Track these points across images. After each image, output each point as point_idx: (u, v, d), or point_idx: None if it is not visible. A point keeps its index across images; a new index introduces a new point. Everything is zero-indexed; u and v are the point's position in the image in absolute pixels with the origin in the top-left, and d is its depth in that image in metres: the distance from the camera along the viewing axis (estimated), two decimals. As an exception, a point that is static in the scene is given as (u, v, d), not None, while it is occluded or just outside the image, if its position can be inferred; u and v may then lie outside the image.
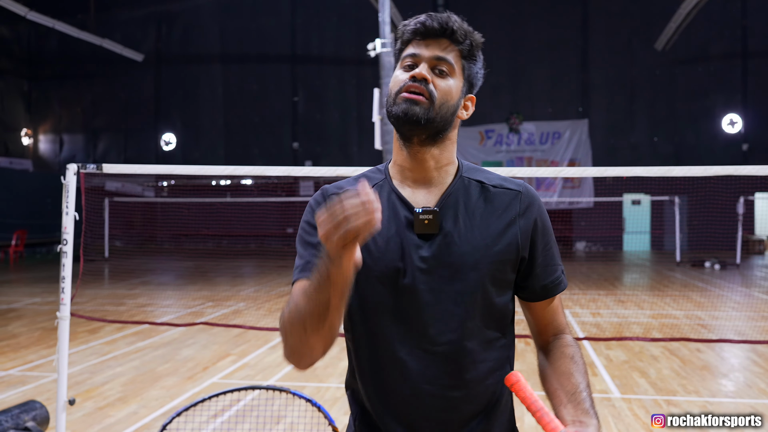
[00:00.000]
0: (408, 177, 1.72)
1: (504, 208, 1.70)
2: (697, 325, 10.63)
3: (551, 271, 1.74)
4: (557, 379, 1.66)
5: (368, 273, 1.63)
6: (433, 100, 1.64)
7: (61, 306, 5.19)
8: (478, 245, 1.64)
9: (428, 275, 1.62)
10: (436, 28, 1.67)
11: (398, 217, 1.67)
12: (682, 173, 5.74)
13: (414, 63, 1.68)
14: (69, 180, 5.06)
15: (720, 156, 26.78)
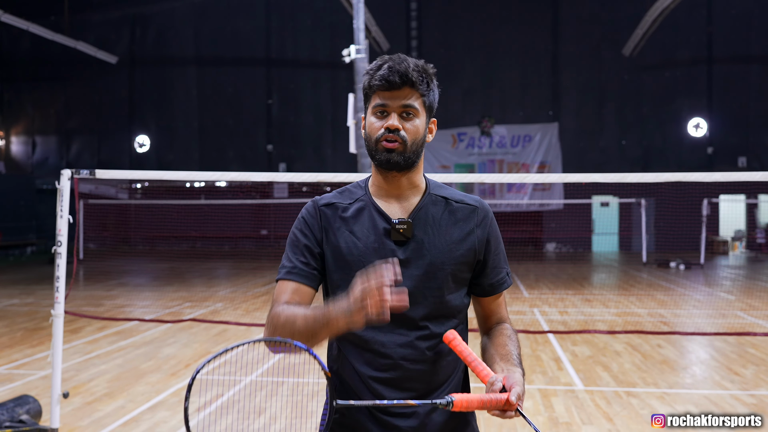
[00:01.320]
0: (385, 194, 2.10)
1: (464, 220, 2.09)
2: (660, 322, 11.08)
3: (498, 272, 2.14)
4: (494, 348, 2.05)
5: (351, 272, 1.97)
6: (406, 143, 2.01)
7: (56, 304, 5.46)
8: (443, 249, 2.03)
9: (404, 273, 1.97)
10: (398, 83, 1.99)
11: (377, 227, 2.04)
12: (647, 179, 6.13)
13: (384, 111, 2.03)
14: (63, 185, 5.33)
15: (686, 159, 27.47)
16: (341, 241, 2.05)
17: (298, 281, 2.04)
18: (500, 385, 1.79)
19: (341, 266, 2.04)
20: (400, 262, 1.98)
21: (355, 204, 2.10)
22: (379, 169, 2.07)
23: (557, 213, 28.25)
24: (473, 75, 28.60)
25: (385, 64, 2.03)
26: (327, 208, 2.11)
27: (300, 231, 2.10)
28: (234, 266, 22.10)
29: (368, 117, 2.06)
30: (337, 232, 2.06)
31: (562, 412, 6.17)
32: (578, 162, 27.60)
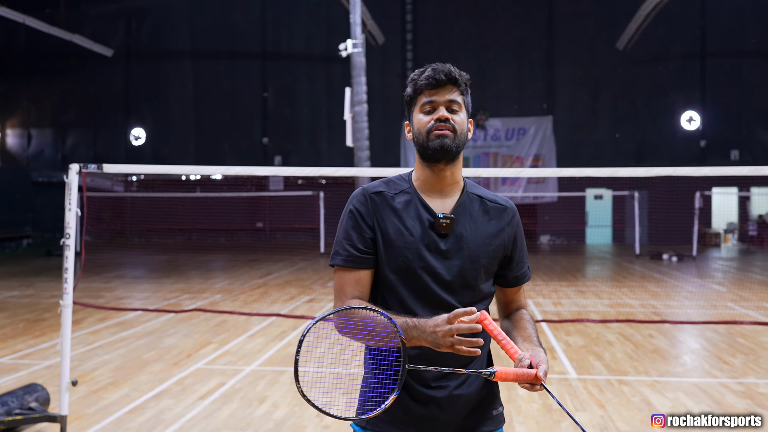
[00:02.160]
0: (429, 188, 2.32)
1: (497, 218, 2.35)
2: (651, 313, 11.28)
3: (521, 267, 2.42)
4: (517, 330, 2.34)
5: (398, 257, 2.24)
6: (456, 131, 2.25)
7: (65, 295, 5.61)
8: (479, 244, 2.28)
9: (445, 263, 2.24)
10: (444, 80, 2.25)
11: (422, 219, 2.27)
12: (638, 174, 6.29)
13: (432, 108, 2.26)
14: (72, 179, 5.47)
15: (679, 152, 27.67)
16: (390, 228, 2.26)
17: (357, 268, 2.26)
18: (528, 362, 2.06)
19: (389, 251, 2.25)
20: (441, 253, 2.24)
21: (402, 195, 2.31)
22: (427, 163, 2.29)
23: (551, 205, 28.44)
24: (468, 68, 27.53)
25: (429, 67, 2.28)
26: (376, 196, 2.31)
27: (353, 217, 2.29)
28: (230, 258, 22.24)
29: (416, 116, 2.29)
30: (386, 220, 2.27)
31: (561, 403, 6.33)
32: (572, 155, 27.78)
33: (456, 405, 2.25)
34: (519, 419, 5.79)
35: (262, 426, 5.66)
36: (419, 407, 2.24)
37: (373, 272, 2.28)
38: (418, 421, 2.24)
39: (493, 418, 2.35)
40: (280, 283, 15.45)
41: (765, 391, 6.63)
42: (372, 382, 2.21)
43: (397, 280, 2.25)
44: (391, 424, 2.26)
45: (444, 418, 2.25)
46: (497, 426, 2.36)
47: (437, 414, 2.24)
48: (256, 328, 9.82)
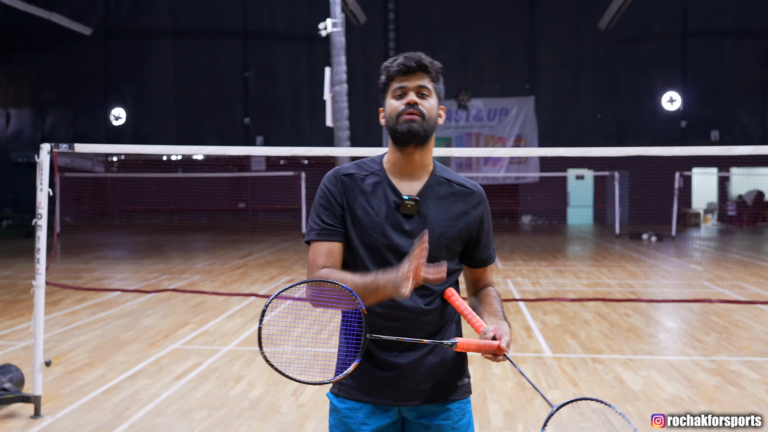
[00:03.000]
0: (398, 171, 2.41)
1: (463, 201, 2.43)
2: (628, 292, 11.39)
3: (487, 249, 2.52)
4: (483, 306, 2.46)
5: (366, 236, 2.35)
6: (425, 116, 2.34)
7: (37, 275, 5.59)
8: (442, 225, 2.37)
9: (409, 242, 2.32)
10: (415, 67, 2.34)
11: (389, 201, 2.36)
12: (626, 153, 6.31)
13: (402, 93, 2.35)
14: (42, 158, 5.43)
15: (660, 132, 27.82)
16: (358, 209, 2.36)
17: (329, 240, 2.37)
18: (491, 334, 2.18)
19: (358, 230, 2.35)
20: (406, 233, 2.34)
21: (372, 177, 2.41)
22: (397, 146, 2.38)
23: (533, 186, 28.55)
24: (450, 48, 28.64)
25: (401, 56, 2.37)
26: (347, 177, 2.41)
27: (324, 196, 2.40)
28: (212, 239, 22.19)
29: (388, 101, 2.38)
30: (355, 201, 2.38)
31: (529, 377, 6.39)
32: (554, 135, 27.86)
33: (419, 373, 2.35)
34: (492, 397, 5.85)
35: (237, 405, 5.68)
36: (384, 374, 2.35)
37: (343, 245, 2.38)
38: (383, 387, 2.36)
39: (458, 387, 2.45)
40: (260, 263, 15.44)
41: (736, 369, 6.72)
42: (342, 350, 2.39)
43: (366, 256, 2.35)
44: (359, 391, 2.39)
45: (407, 386, 2.35)
46: (462, 396, 2.45)
47: (401, 381, 2.35)
48: (234, 309, 9.82)
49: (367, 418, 2.39)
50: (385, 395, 2.37)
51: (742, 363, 6.95)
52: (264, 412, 5.51)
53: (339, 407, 2.43)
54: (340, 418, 2.42)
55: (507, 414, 5.43)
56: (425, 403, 2.38)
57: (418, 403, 2.38)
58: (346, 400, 2.42)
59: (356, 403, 2.40)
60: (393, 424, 2.44)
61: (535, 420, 5.30)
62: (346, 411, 2.41)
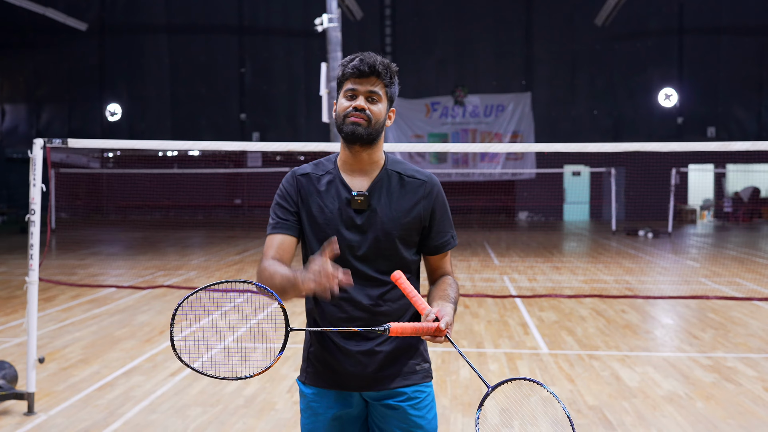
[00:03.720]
0: (349, 168, 2.50)
1: (413, 192, 2.49)
2: (625, 288, 11.37)
3: (442, 236, 2.56)
4: (436, 291, 2.51)
5: (321, 232, 2.45)
6: (370, 121, 2.41)
7: (30, 271, 5.53)
8: (393, 217, 2.45)
9: (360, 237, 2.43)
10: (368, 72, 2.39)
11: (341, 197, 2.46)
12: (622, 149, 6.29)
13: (353, 95, 2.42)
14: (36, 154, 5.39)
15: (656, 129, 27.82)
16: (313, 207, 2.47)
17: (281, 233, 2.48)
18: (434, 316, 2.21)
19: (313, 227, 2.46)
20: (357, 227, 2.44)
21: (326, 176, 2.51)
22: (345, 144, 2.47)
23: (529, 182, 28.54)
24: (447, 44, 28.62)
25: (357, 57, 2.43)
26: (303, 177, 2.52)
27: (281, 195, 2.53)
28: (208, 235, 22.14)
29: (339, 99, 2.46)
30: (310, 199, 2.48)
31: (526, 374, 6.38)
32: (550, 131, 27.84)
33: (377, 359, 2.45)
34: (489, 394, 5.81)
35: (232, 402, 5.65)
36: (345, 361, 2.46)
37: (295, 240, 2.49)
38: (344, 375, 2.47)
39: (416, 372, 2.53)
40: (256, 259, 15.40)
41: (732, 365, 6.71)
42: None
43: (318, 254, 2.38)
44: (322, 378, 2.52)
45: (367, 373, 2.45)
46: (422, 380, 2.53)
47: (361, 368, 2.45)
48: (229, 305, 9.79)
49: (333, 403, 2.51)
50: (346, 382, 2.48)
51: (739, 359, 6.94)
52: (259, 409, 5.49)
53: (306, 392, 2.56)
54: (308, 402, 2.55)
55: (503, 410, 5.41)
56: (385, 388, 2.48)
57: (379, 389, 2.48)
58: (312, 387, 2.54)
59: (321, 389, 2.52)
60: (357, 409, 2.54)
61: (531, 416, 5.28)
62: (312, 396, 2.54)
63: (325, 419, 2.53)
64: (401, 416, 2.49)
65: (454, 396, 5.74)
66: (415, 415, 2.50)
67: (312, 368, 2.55)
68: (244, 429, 5.08)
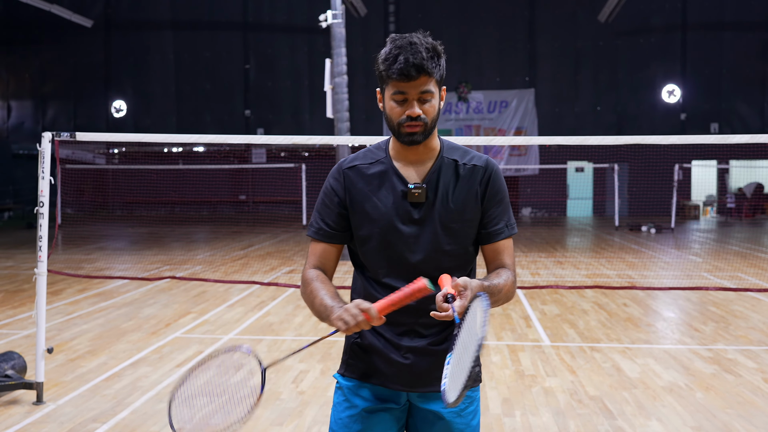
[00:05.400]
0: (403, 158, 2.34)
1: (470, 180, 2.33)
2: (627, 282, 11.44)
3: (495, 223, 2.37)
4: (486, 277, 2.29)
5: (375, 227, 2.31)
6: (426, 124, 2.24)
7: (39, 263, 5.63)
8: (452, 209, 2.30)
9: (419, 231, 2.29)
10: (415, 75, 2.18)
11: (396, 190, 2.31)
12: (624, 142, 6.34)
13: (404, 98, 2.22)
14: (44, 147, 5.48)
15: (659, 125, 27.83)
16: (364, 200, 2.32)
17: (324, 241, 2.38)
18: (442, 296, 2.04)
19: (366, 223, 2.32)
20: (415, 221, 2.29)
21: (377, 165, 2.36)
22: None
23: (533, 178, 28.59)
24: (450, 41, 28.61)
25: (400, 56, 2.18)
26: (350, 170, 2.37)
27: (326, 194, 2.39)
28: (212, 231, 22.24)
29: (387, 100, 2.26)
30: (360, 193, 2.33)
31: (528, 366, 6.46)
32: (554, 127, 27.89)
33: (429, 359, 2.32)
34: (491, 384, 5.90)
35: (237, 392, 5.72)
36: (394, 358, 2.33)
37: (340, 248, 2.40)
38: (391, 371, 2.35)
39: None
40: (261, 254, 15.50)
41: (733, 357, 6.78)
42: None
43: (373, 252, 2.33)
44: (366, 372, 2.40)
45: (416, 372, 2.33)
46: (473, 383, 2.35)
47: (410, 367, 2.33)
48: (235, 298, 9.88)
49: (373, 396, 2.39)
50: (393, 379, 2.36)
51: (739, 352, 7.00)
52: (264, 399, 5.56)
53: (344, 385, 2.43)
54: (345, 394, 2.43)
55: (505, 401, 5.49)
56: (432, 390, 2.34)
57: (426, 390, 2.35)
58: (353, 379, 2.42)
59: (362, 383, 2.40)
60: (399, 407, 2.41)
61: (533, 407, 5.36)
62: (352, 388, 2.42)
63: (363, 413, 2.40)
64: (445, 423, 2.38)
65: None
66: (460, 422, 2.39)
67: (355, 360, 2.42)
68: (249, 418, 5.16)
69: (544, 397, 5.56)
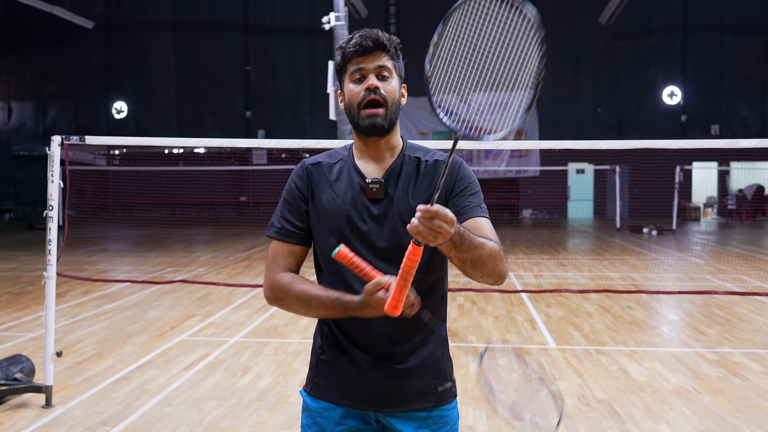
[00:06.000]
0: (365, 155, 2.26)
1: (432, 175, 2.23)
2: (631, 285, 11.45)
3: (464, 203, 2.22)
4: None
5: (332, 225, 2.20)
6: (387, 102, 2.17)
7: (48, 266, 5.64)
8: (411, 206, 2.16)
9: (378, 228, 2.18)
10: (371, 46, 2.16)
11: (354, 185, 2.22)
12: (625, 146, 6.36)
13: (362, 75, 2.18)
14: (54, 150, 5.48)
15: (660, 127, 27.87)
16: (323, 197, 2.23)
17: (289, 242, 2.26)
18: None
19: (324, 220, 2.21)
20: (374, 218, 2.18)
21: (338, 164, 2.28)
22: (361, 135, 2.23)
23: (533, 180, 28.61)
24: (451, 42, 28.58)
25: (356, 34, 2.19)
26: (313, 167, 2.29)
27: (289, 191, 2.30)
28: (214, 232, 22.24)
29: (347, 86, 2.21)
30: (321, 189, 2.24)
31: (535, 369, 6.45)
32: (554, 129, 27.90)
33: (397, 377, 2.22)
34: (498, 388, 5.90)
35: (246, 396, 5.74)
36: (361, 377, 2.22)
37: (304, 251, 2.29)
38: (359, 391, 2.24)
39: (438, 393, 2.29)
40: (264, 256, 15.50)
41: (739, 360, 6.79)
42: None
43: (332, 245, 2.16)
44: (334, 392, 2.27)
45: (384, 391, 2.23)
46: (444, 402, 2.31)
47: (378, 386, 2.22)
48: (239, 301, 9.89)
49: (343, 419, 2.27)
50: (362, 399, 2.24)
51: (745, 355, 7.01)
52: (273, 402, 5.57)
53: (312, 406, 2.31)
54: (314, 417, 2.31)
55: (513, 404, 5.49)
56: (403, 410, 2.25)
57: (396, 410, 2.24)
58: (320, 401, 2.30)
59: (329, 404, 2.28)
60: (372, 428, 2.30)
61: (542, 410, 5.36)
62: (320, 410, 2.30)
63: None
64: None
65: (464, 390, 5.82)
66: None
67: (322, 379, 2.30)
68: (259, 422, 5.17)
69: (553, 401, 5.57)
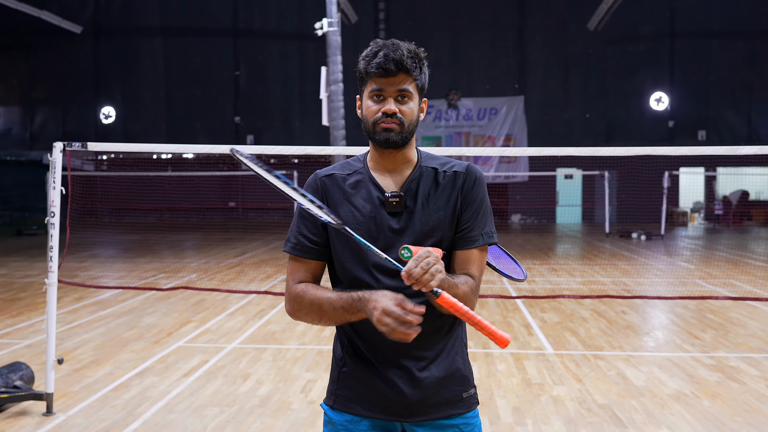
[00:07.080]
0: (381, 168, 2.27)
1: (450, 187, 2.24)
2: (623, 290, 11.52)
3: (469, 230, 2.23)
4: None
5: (350, 239, 2.12)
6: (403, 124, 2.18)
7: (50, 273, 5.63)
8: (431, 217, 2.20)
9: (397, 240, 2.19)
10: (394, 70, 2.14)
11: (373, 198, 2.22)
12: (611, 153, 6.42)
13: (380, 95, 2.19)
14: (55, 157, 5.47)
15: (648, 132, 28.07)
16: (341, 210, 2.21)
17: (305, 258, 2.26)
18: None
19: (342, 234, 2.16)
20: (394, 231, 2.19)
21: (354, 176, 2.27)
22: (377, 147, 2.24)
23: (522, 185, 28.72)
24: (440, 48, 28.75)
25: (380, 52, 2.15)
26: (327, 179, 2.27)
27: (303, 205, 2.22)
28: (203, 238, 22.18)
29: (365, 100, 2.22)
30: (338, 202, 2.23)
31: (534, 374, 6.50)
32: (543, 135, 28.05)
33: (423, 387, 2.22)
34: (499, 393, 5.94)
35: (247, 402, 5.73)
36: (386, 388, 2.22)
37: (322, 268, 2.30)
38: (384, 402, 2.23)
39: (464, 400, 2.30)
40: (255, 262, 15.49)
41: (735, 365, 6.85)
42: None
43: (352, 264, 2.22)
44: (358, 404, 2.27)
45: (410, 401, 2.22)
46: (468, 409, 2.30)
47: (404, 396, 2.21)
48: (234, 307, 9.87)
49: (369, 431, 2.27)
50: (387, 410, 2.24)
51: (741, 359, 7.08)
52: (275, 409, 5.57)
53: (336, 420, 2.30)
54: (338, 431, 2.30)
55: (515, 410, 5.52)
56: (430, 419, 2.24)
57: (423, 420, 2.24)
58: (344, 413, 2.29)
59: (356, 416, 2.27)
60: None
61: (544, 415, 5.39)
62: (345, 423, 2.29)
63: None
64: None
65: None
66: None
67: (345, 391, 2.29)
68: (262, 428, 5.17)
69: (554, 405, 5.60)
